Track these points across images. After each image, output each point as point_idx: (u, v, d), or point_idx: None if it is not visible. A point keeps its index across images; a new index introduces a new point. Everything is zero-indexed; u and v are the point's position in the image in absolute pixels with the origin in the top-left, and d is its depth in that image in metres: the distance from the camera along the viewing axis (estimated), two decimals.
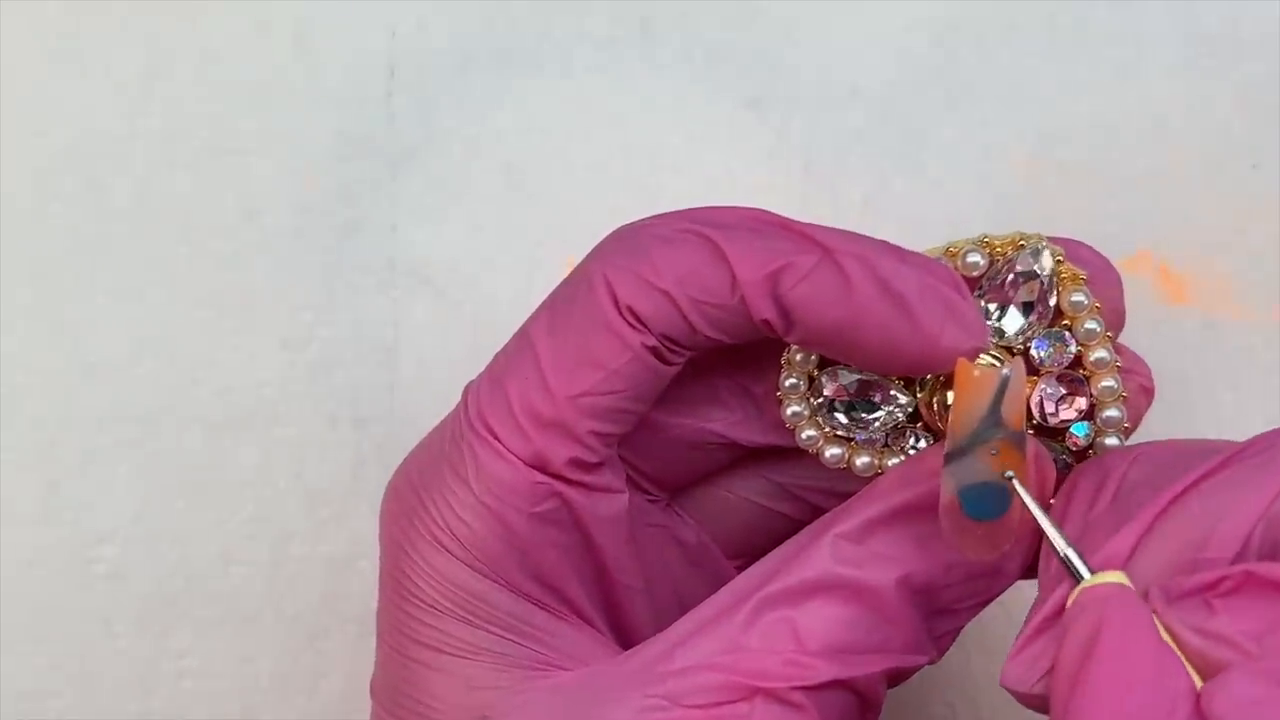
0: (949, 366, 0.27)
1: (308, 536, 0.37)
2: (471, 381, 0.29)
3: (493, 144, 0.36)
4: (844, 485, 0.30)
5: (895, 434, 0.29)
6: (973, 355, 0.27)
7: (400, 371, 0.37)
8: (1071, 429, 0.29)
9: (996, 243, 0.28)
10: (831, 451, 0.29)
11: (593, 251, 0.28)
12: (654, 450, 0.30)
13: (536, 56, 0.36)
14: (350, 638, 0.37)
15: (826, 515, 0.28)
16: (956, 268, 0.28)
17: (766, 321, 0.27)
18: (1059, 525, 0.25)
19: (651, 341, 0.27)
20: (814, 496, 0.31)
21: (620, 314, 0.27)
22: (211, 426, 0.37)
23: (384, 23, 0.36)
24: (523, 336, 0.29)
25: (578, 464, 0.28)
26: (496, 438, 0.28)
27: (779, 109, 0.36)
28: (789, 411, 0.29)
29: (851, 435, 0.29)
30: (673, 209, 0.29)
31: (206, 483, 0.37)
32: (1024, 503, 0.26)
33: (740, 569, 0.31)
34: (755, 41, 0.36)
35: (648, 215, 0.29)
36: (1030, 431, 0.28)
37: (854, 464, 0.29)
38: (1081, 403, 0.28)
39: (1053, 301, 0.28)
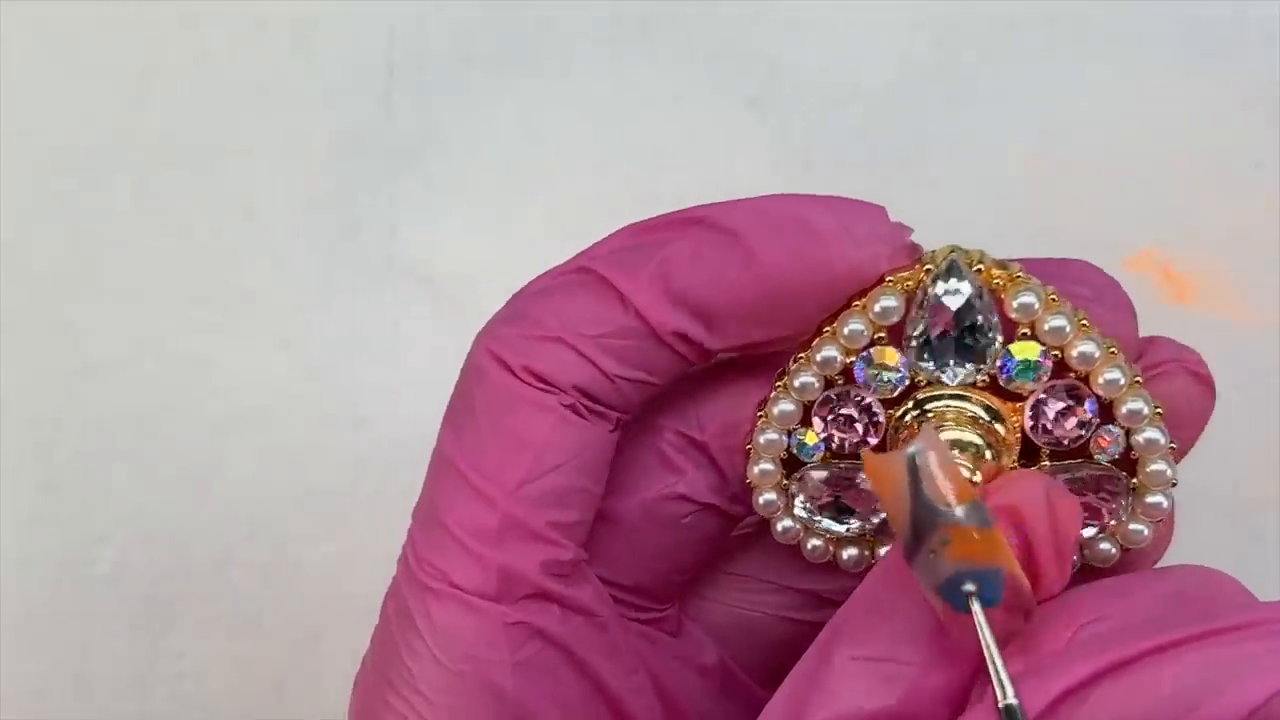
0: (869, 279, 0.23)
1: (307, 536, 0.37)
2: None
3: (493, 144, 0.36)
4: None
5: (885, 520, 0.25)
6: (889, 258, 0.23)
7: (400, 371, 0.37)
8: (1100, 431, 0.24)
9: (904, 276, 0.24)
10: (813, 544, 0.26)
11: (471, 346, 0.25)
12: (622, 549, 0.25)
13: (536, 56, 0.36)
14: (349, 639, 0.37)
15: (831, 627, 0.22)
16: (871, 319, 0.24)
17: (681, 335, 0.24)
18: (1003, 663, 0.20)
19: (568, 400, 0.24)
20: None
21: (522, 382, 0.24)
22: (211, 426, 0.37)
23: (384, 22, 0.36)
24: (436, 461, 0.25)
25: (554, 568, 0.23)
26: (450, 582, 0.23)
27: (779, 109, 0.36)
28: (762, 500, 0.25)
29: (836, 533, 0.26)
30: (673, 209, 0.28)
31: (206, 483, 0.37)
32: (1010, 588, 0.20)
33: None
34: (755, 41, 0.36)
35: (648, 215, 0.28)
36: (1014, 467, 0.24)
37: (840, 558, 0.26)
38: (1088, 407, 0.24)
39: (995, 317, 0.24)
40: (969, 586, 0.20)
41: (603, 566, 0.25)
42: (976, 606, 0.20)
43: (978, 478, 0.23)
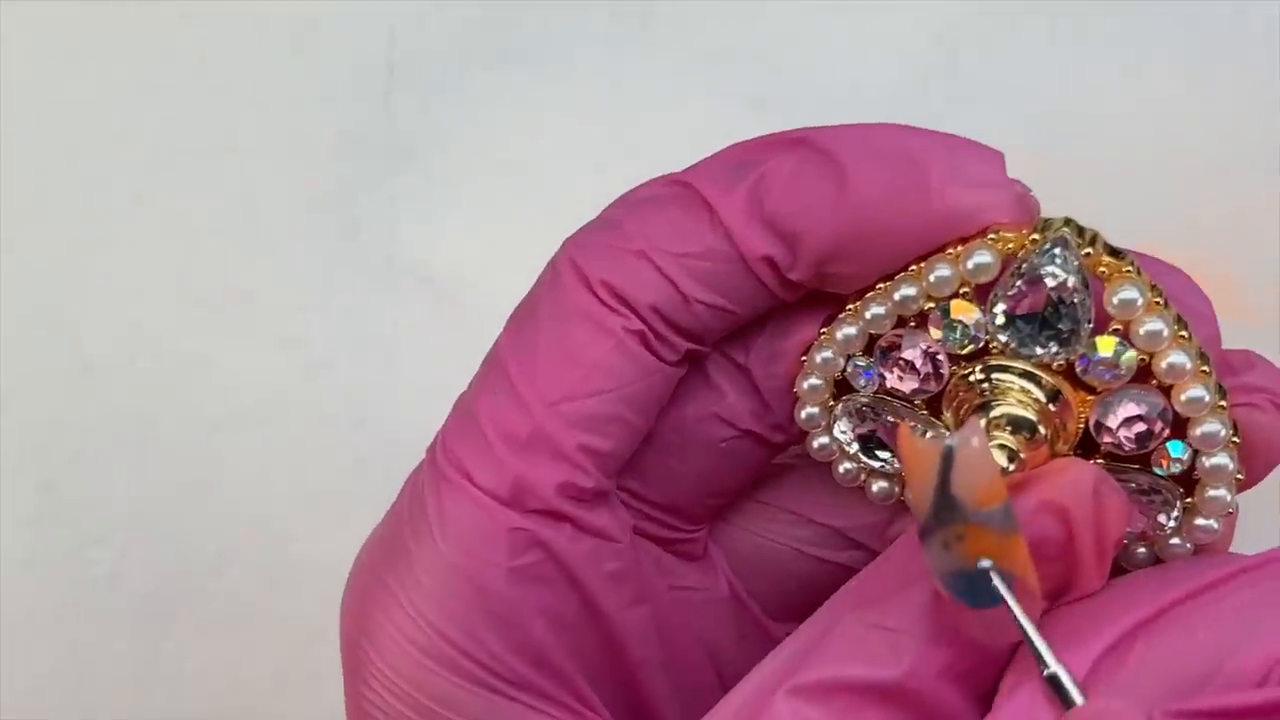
0: (970, 227, 0.22)
1: (307, 537, 0.37)
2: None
3: (492, 143, 0.36)
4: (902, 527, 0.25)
5: None
6: (999, 209, 0.22)
7: (400, 371, 0.37)
8: (1166, 447, 0.22)
9: (1009, 236, 0.22)
10: (845, 466, 0.25)
11: (558, 249, 0.25)
12: (656, 463, 0.25)
13: (536, 56, 0.36)
14: None
15: (849, 588, 0.22)
16: (961, 271, 0.22)
17: (767, 260, 0.23)
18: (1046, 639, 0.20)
19: (635, 325, 0.23)
20: (879, 543, 0.26)
21: (594, 294, 0.23)
22: (211, 426, 0.37)
23: (384, 22, 0.36)
24: (490, 355, 0.24)
25: (570, 491, 0.23)
26: (468, 476, 0.23)
27: (780, 109, 0.36)
28: (804, 414, 0.25)
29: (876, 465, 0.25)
30: None
31: (206, 483, 0.37)
32: (1019, 590, 0.20)
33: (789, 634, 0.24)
34: (756, 41, 0.36)
35: None
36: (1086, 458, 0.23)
37: (870, 488, 0.25)
38: (1159, 420, 0.22)
39: (1091, 306, 0.22)
40: (985, 563, 0.19)
41: (635, 479, 0.25)
42: (999, 582, 0.20)
43: (1013, 467, 0.22)
